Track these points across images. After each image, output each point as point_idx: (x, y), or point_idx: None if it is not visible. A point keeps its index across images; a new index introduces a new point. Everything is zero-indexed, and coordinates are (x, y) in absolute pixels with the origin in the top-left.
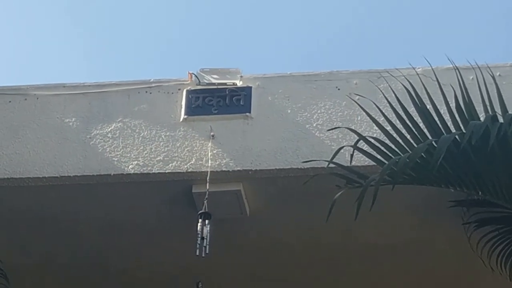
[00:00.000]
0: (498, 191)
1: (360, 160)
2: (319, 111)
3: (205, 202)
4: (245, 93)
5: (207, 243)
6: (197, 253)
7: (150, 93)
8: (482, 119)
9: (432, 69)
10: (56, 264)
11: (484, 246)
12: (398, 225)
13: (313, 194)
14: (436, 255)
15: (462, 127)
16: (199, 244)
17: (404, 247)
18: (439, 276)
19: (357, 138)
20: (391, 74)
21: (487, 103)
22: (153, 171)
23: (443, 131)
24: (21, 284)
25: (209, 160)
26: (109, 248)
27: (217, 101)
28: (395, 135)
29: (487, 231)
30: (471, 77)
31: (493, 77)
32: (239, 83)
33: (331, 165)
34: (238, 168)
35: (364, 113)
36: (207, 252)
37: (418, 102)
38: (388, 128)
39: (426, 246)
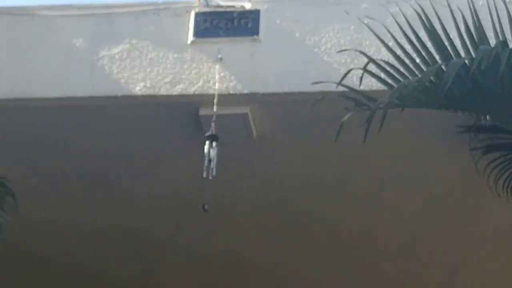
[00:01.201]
0: (506, 116)
1: (369, 84)
2: (327, 35)
3: (212, 124)
4: (253, 16)
5: (214, 166)
6: (204, 175)
7: (158, 15)
8: (492, 44)
9: None
10: (63, 185)
11: (491, 173)
12: (405, 150)
13: (321, 118)
14: (443, 182)
15: (472, 52)
16: (206, 166)
17: (410, 173)
18: (445, 204)
19: (365, 62)
20: None
21: (498, 28)
22: (160, 93)
23: (453, 56)
24: (28, 203)
25: (217, 83)
26: (115, 169)
27: (225, 24)
28: (404, 59)
29: (494, 158)
30: (480, 3)
31: (504, 3)
32: (248, 6)
33: (340, 88)
34: (246, 91)
35: (372, 38)
36: (213, 174)
37: (428, 26)
38: (398, 52)
39: (433, 173)
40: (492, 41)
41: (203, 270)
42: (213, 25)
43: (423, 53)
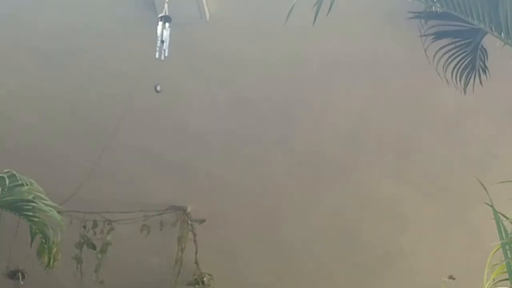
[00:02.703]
0: (455, 3)
1: None
2: None
3: (166, 5)
4: None
5: (167, 47)
6: (157, 56)
7: None
8: None
9: None
10: (14, 62)
11: (440, 59)
12: (356, 35)
13: (273, 1)
14: (393, 67)
15: None
16: (158, 47)
17: (361, 58)
18: (395, 89)
19: None
20: None
21: None
22: None
23: None
24: None
25: None
26: (67, 49)
27: None
28: None
29: (444, 44)
30: None
31: None
32: None
33: None
34: None
35: None
36: (166, 55)
37: None
38: None
39: (383, 58)
40: None
41: (155, 148)
42: None
43: None
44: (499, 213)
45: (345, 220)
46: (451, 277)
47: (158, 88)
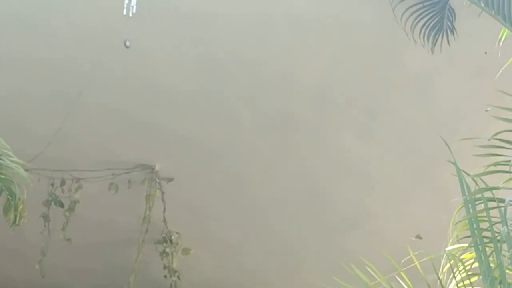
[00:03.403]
0: None
1: None
2: None
3: None
4: None
5: (135, 3)
6: (124, 13)
7: None
8: None
9: None
10: None
11: (408, 19)
12: None
13: None
14: (361, 27)
15: None
16: (126, 3)
17: (330, 18)
18: (363, 49)
19: None
20: None
21: None
22: None
23: None
24: None
25: None
26: (34, 5)
27: None
28: None
29: (412, 4)
30: None
31: None
32: None
33: None
34: None
35: None
36: (134, 12)
37: None
38: None
39: (352, 18)
40: None
41: (124, 107)
42: None
43: None
44: (462, 170)
45: (313, 181)
46: (418, 237)
47: (128, 43)
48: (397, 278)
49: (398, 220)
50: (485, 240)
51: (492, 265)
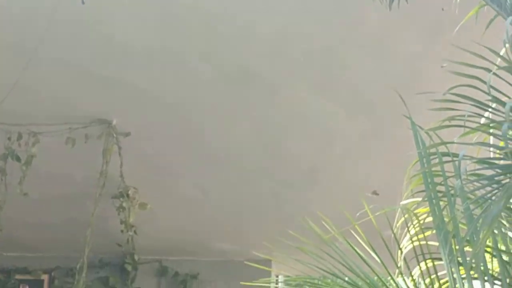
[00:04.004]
0: None
1: None
2: None
3: None
4: None
5: None
6: None
7: None
8: None
9: None
10: None
11: None
12: None
13: None
14: None
15: None
16: None
17: None
18: (319, 2)
19: None
20: None
21: None
22: None
23: None
24: None
25: None
26: None
27: None
28: None
29: None
30: None
31: None
32: None
33: None
34: None
35: None
36: None
37: None
38: None
39: None
40: None
41: (81, 61)
42: None
43: None
44: (417, 125)
45: (271, 135)
46: (374, 193)
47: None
48: (352, 232)
49: (355, 176)
50: (439, 194)
51: (446, 219)
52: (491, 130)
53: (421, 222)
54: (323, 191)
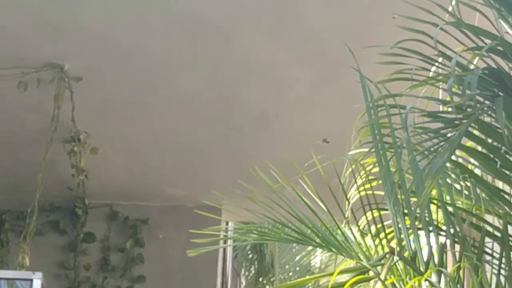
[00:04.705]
0: None
1: None
2: None
3: None
4: None
5: None
6: None
7: None
8: None
9: None
10: None
11: None
12: None
13: None
14: None
15: None
16: None
17: None
18: None
19: None
20: None
21: None
22: None
23: None
24: None
25: None
26: None
27: None
28: None
29: None
30: None
31: None
32: None
33: None
34: None
35: None
36: None
37: None
38: None
39: None
40: None
41: (32, 4)
42: None
43: None
44: (366, 78)
45: (221, 83)
46: (325, 141)
47: None
48: (301, 181)
49: (305, 124)
50: (386, 146)
51: (392, 169)
52: (440, 85)
53: (368, 172)
54: (273, 138)
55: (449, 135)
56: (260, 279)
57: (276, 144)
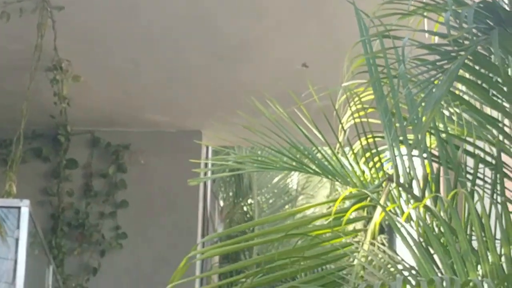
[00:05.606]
0: None
1: None
2: None
3: None
4: None
5: None
6: None
7: None
8: None
9: None
10: None
11: None
12: None
13: None
14: None
15: None
16: None
17: None
18: None
19: None
20: None
21: None
22: None
23: None
24: None
25: None
26: None
27: None
28: None
29: None
30: None
31: None
32: None
33: None
34: None
35: None
36: None
37: None
38: None
39: None
40: None
41: None
42: None
43: None
44: (361, 11)
45: (203, 9)
46: (304, 65)
47: None
48: (296, 112)
49: (286, 49)
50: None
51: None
52: (437, 18)
53: (362, 100)
54: (253, 64)
55: (445, 67)
56: (238, 201)
57: (257, 69)
